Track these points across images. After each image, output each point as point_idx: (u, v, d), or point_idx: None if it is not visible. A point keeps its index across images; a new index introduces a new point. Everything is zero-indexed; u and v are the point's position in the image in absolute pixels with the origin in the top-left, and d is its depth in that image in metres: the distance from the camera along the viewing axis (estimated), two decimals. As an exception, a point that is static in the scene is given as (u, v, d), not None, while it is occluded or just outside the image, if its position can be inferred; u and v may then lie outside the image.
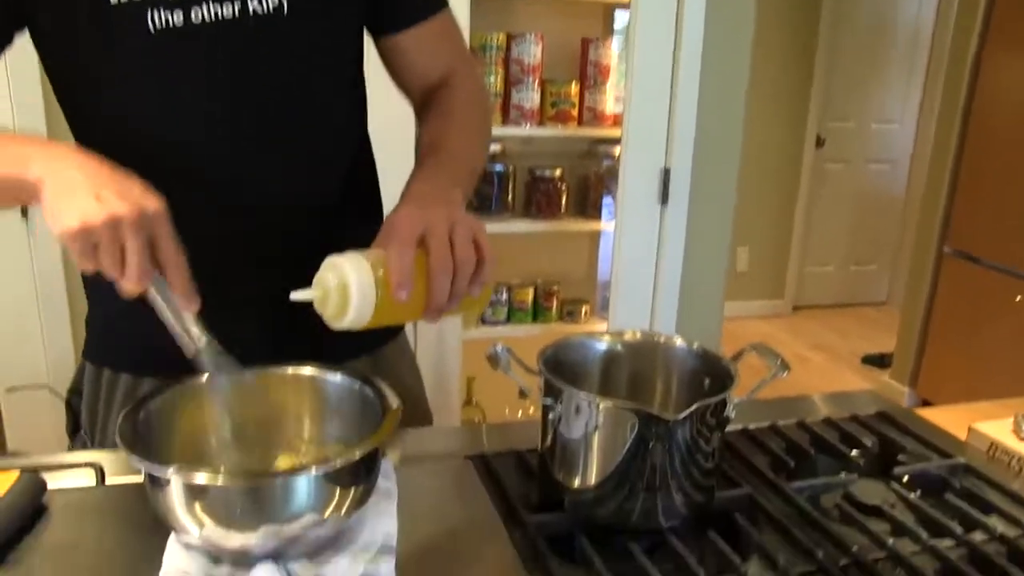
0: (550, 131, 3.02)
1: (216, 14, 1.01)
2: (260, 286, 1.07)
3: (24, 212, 2.23)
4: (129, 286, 0.83)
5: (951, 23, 4.24)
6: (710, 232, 2.74)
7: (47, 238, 2.27)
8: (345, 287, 0.87)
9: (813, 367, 4.89)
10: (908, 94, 5.75)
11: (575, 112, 3.02)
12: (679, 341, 1.06)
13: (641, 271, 2.72)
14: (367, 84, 1.23)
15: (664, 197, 2.67)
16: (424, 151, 1.13)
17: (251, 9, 1.02)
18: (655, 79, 2.60)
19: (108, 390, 1.17)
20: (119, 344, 1.17)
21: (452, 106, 1.20)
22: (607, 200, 3.09)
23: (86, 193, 0.80)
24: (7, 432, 2.42)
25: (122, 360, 1.17)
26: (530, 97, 2.92)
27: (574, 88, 3.00)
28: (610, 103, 3.05)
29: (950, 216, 4.05)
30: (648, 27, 2.55)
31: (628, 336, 1.08)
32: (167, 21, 0.99)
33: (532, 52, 2.88)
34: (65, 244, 0.81)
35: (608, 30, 3.21)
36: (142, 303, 0.85)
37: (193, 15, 1.00)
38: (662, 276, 2.71)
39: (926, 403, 4.14)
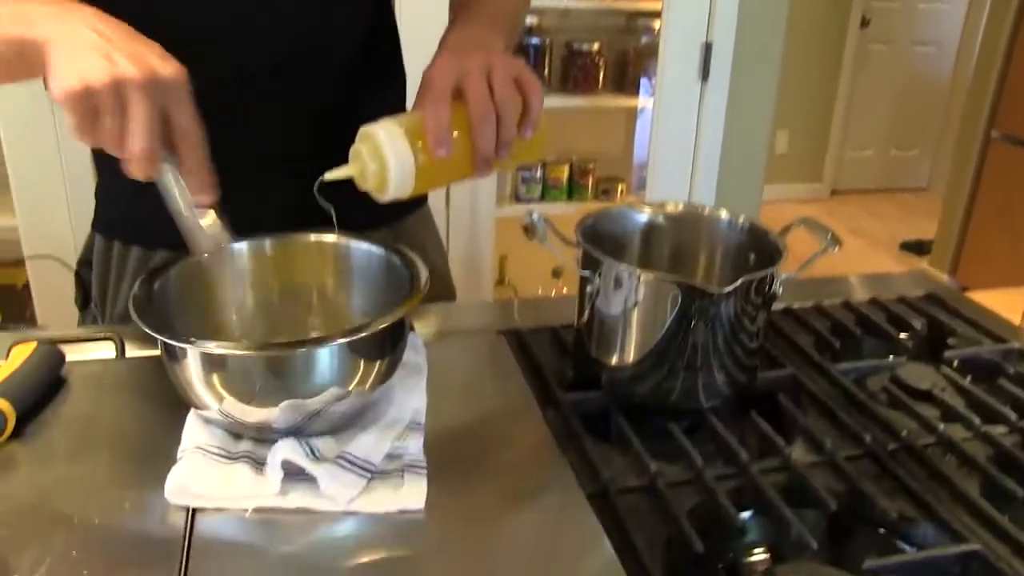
0: (588, 3, 2.91)
1: None
2: (281, 156, 1.02)
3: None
4: (134, 165, 0.72)
5: None
6: (751, 110, 2.65)
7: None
8: (381, 157, 0.80)
9: (850, 252, 4.80)
10: (960, -28, 5.51)
11: (615, -18, 2.89)
12: (724, 214, 1.00)
13: (679, 149, 2.64)
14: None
15: (705, 73, 2.59)
16: (458, 5, 1.06)
17: None
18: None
19: (119, 264, 1.12)
20: (129, 216, 1.11)
21: None
22: (646, 76, 2.98)
23: (94, 52, 0.70)
24: (36, 302, 2.42)
25: (132, 233, 1.11)
26: (569, -33, 2.80)
27: (614, -42, 2.87)
28: (651, -27, 2.91)
29: (999, 99, 3.93)
30: None
31: (671, 208, 1.02)
32: None
33: (572, -79, 2.75)
34: (64, 110, 0.70)
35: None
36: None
37: None
38: (701, 155, 2.64)
39: (964, 291, 4.06)
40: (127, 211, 1.12)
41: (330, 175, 0.82)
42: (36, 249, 2.29)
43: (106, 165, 1.11)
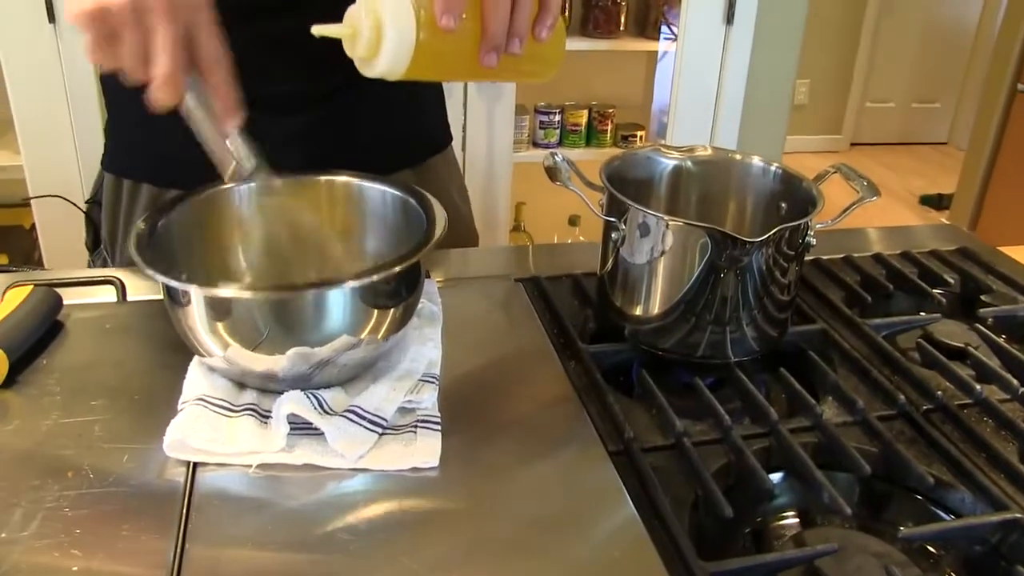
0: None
1: None
2: (299, 97, 0.97)
3: (51, 16, 2.12)
4: (159, 91, 0.68)
5: None
6: (776, 55, 2.60)
7: (77, 42, 2.16)
8: (378, 18, 0.70)
9: (870, 206, 4.58)
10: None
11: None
12: (756, 159, 0.95)
13: (702, 94, 2.58)
14: None
15: (730, 16, 2.52)
16: None
17: None
18: None
19: (129, 201, 1.08)
20: (140, 152, 1.07)
21: None
22: (668, 20, 2.90)
23: None
24: (42, 244, 2.39)
25: (143, 169, 1.07)
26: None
27: None
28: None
29: (1027, 52, 3.82)
30: None
31: (699, 152, 0.97)
32: None
33: None
34: (80, 31, 0.66)
35: None
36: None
37: None
38: (723, 101, 2.59)
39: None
40: (137, 147, 1.07)
41: (318, 29, 0.73)
42: (42, 189, 2.26)
43: (116, 98, 1.07)
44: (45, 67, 2.16)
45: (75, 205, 1.87)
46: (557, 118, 2.88)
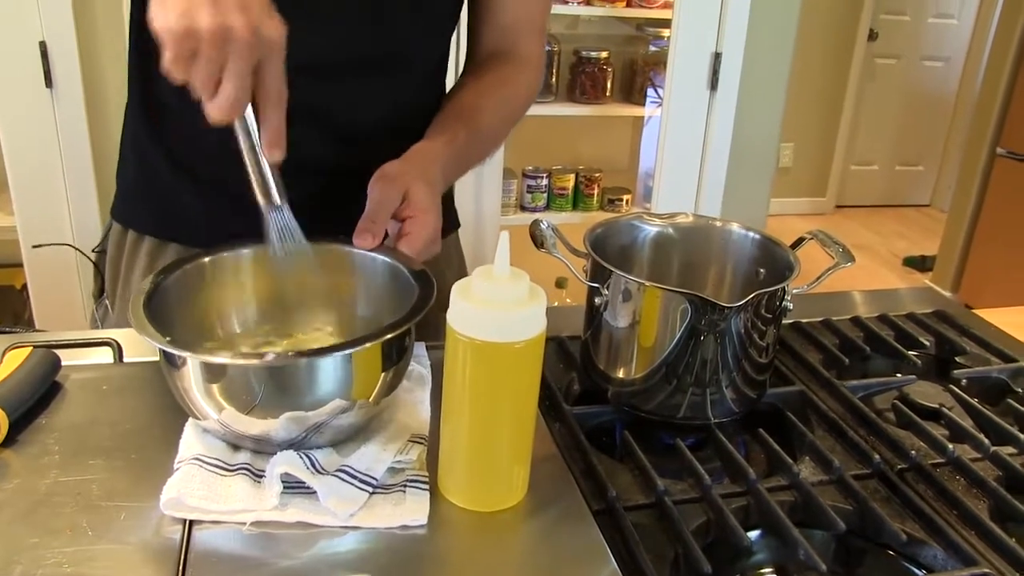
0: (598, 10, 2.91)
1: None
2: (331, 161, 1.03)
3: (48, 80, 2.18)
4: (216, 113, 0.72)
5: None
6: (759, 121, 2.66)
7: (72, 104, 2.23)
8: None
9: (854, 267, 4.69)
10: (968, -12, 5.51)
11: (624, -9, 2.89)
12: (736, 226, 0.99)
13: (687, 159, 2.64)
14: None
15: (714, 83, 2.59)
16: (454, 109, 1.08)
17: None
18: (707, -42, 2.48)
19: (131, 251, 1.11)
20: (146, 205, 1.11)
21: (505, 87, 1.14)
22: (653, 86, 2.98)
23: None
24: (32, 295, 2.41)
25: (147, 222, 1.11)
26: (576, -29, 2.80)
27: (624, -34, 2.86)
28: (661, -18, 2.91)
29: (1005, 115, 3.92)
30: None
31: (680, 219, 1.01)
32: None
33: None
34: (161, 42, 0.70)
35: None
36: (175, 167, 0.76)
37: None
38: (708, 165, 2.64)
39: (967, 308, 4.05)
40: (145, 199, 1.11)
41: None
42: (35, 240, 2.30)
43: (129, 151, 1.11)
44: (41, 128, 2.21)
45: (82, 252, 1.91)
46: (544, 182, 2.94)
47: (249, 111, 0.75)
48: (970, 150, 4.14)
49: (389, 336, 0.74)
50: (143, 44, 0.77)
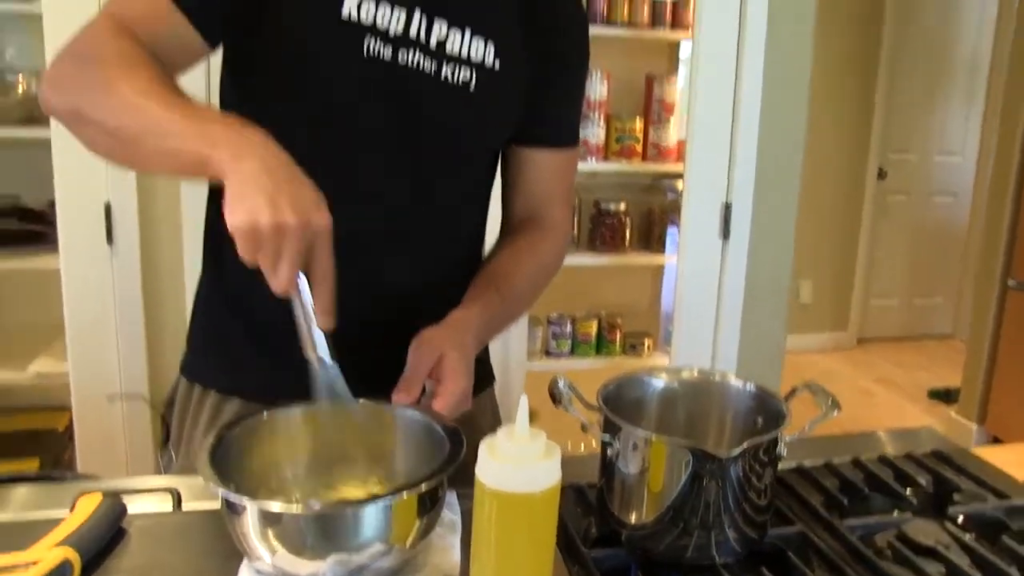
0: (615, 166, 3.08)
1: (418, 63, 1.12)
2: (377, 322, 1.16)
3: (110, 237, 2.35)
4: (277, 287, 0.88)
5: (1007, 55, 4.21)
6: (771, 267, 2.76)
7: (129, 261, 2.39)
8: None
9: (878, 401, 4.83)
10: (968, 127, 5.72)
11: (639, 147, 3.08)
12: (733, 379, 1.09)
13: (703, 305, 2.74)
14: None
15: (725, 232, 2.71)
16: (489, 275, 1.23)
17: (443, 75, 1.14)
18: (716, 115, 2.65)
19: (196, 406, 1.24)
20: (214, 363, 1.26)
21: (536, 254, 1.30)
22: (671, 233, 3.12)
23: (263, 195, 0.85)
24: (78, 446, 2.51)
25: (215, 378, 1.24)
26: (596, 133, 2.99)
27: (639, 124, 3.06)
28: (674, 138, 3.09)
29: (1013, 249, 4.00)
30: (708, 64, 2.61)
31: (685, 374, 1.12)
32: (379, 52, 1.09)
33: (598, 90, 2.96)
34: (233, 236, 0.86)
35: (673, 66, 3.26)
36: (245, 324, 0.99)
37: (400, 55, 1.11)
38: (723, 310, 2.74)
39: (996, 440, 4.06)
40: (213, 358, 1.26)
41: None
42: (85, 392, 2.42)
43: (200, 315, 1.28)
44: (100, 282, 2.37)
45: (152, 405, 2.04)
46: (568, 328, 3.05)
47: (304, 284, 0.90)
48: (981, 283, 4.22)
49: (423, 489, 0.84)
50: (219, 229, 0.92)
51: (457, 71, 1.15)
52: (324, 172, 0.93)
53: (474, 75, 1.16)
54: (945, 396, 4.76)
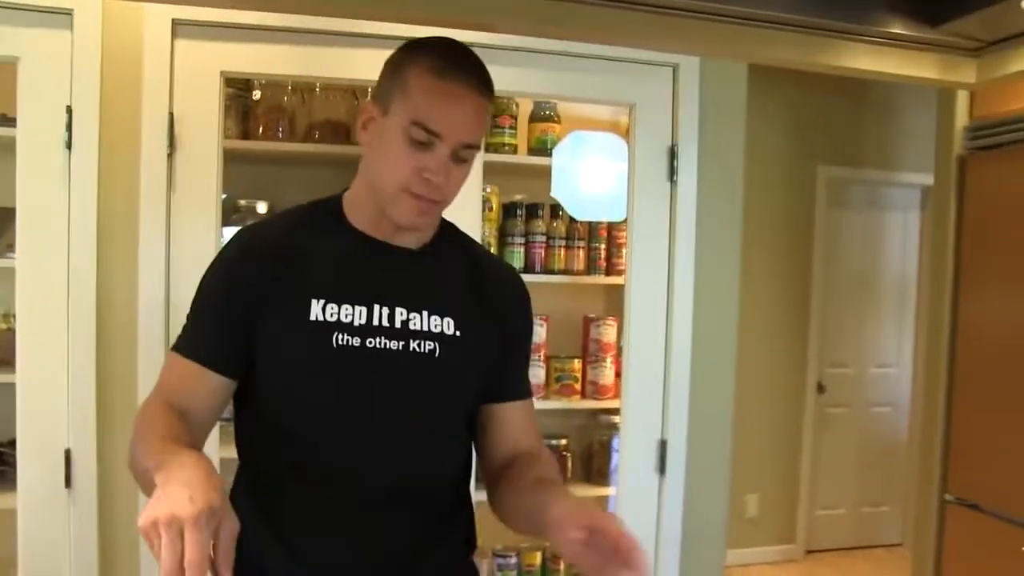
0: (555, 403, 3.23)
1: (385, 345, 1.34)
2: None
3: (68, 482, 2.40)
4: (189, 569, 0.99)
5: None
6: (707, 501, 2.84)
7: (87, 511, 2.43)
8: None
9: None
10: (902, 339, 5.97)
11: (578, 386, 3.26)
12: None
13: (642, 538, 2.75)
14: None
15: (662, 467, 2.79)
16: (542, 481, 1.39)
17: (411, 347, 1.35)
18: (650, 354, 2.78)
19: None
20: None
21: (544, 465, 1.47)
22: (612, 466, 3.24)
23: (163, 501, 1.01)
24: None
25: None
26: (536, 373, 3.15)
27: (577, 364, 3.25)
28: (611, 376, 3.27)
29: (948, 462, 4.04)
30: (640, 307, 2.78)
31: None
32: (347, 342, 1.32)
33: (537, 332, 3.12)
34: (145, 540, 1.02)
35: (610, 307, 3.45)
36: None
37: (368, 341, 1.33)
38: (663, 543, 2.80)
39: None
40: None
41: None
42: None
43: None
44: (56, 526, 2.41)
45: None
46: (514, 560, 3.12)
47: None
48: (922, 496, 4.24)
49: None
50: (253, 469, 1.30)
51: (423, 344, 1.36)
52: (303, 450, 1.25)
53: (438, 345, 1.37)
54: (895, 609, 4.74)
